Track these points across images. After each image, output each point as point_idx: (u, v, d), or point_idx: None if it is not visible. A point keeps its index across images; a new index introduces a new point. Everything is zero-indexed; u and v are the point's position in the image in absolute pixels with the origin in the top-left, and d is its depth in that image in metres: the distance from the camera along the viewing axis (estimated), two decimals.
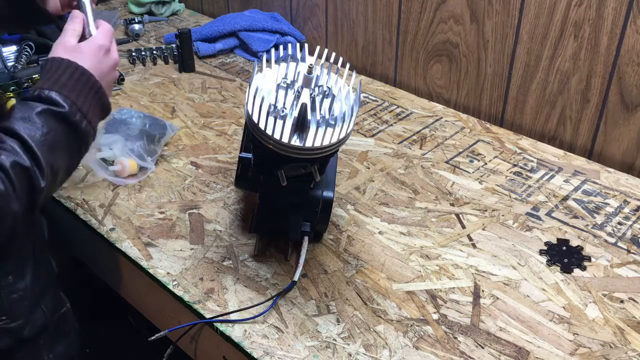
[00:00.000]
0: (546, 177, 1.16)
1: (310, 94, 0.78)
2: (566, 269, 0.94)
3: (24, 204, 0.73)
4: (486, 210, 1.07)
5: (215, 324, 0.86)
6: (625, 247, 0.99)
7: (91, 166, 1.15)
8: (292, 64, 0.83)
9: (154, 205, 1.09)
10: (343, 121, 0.77)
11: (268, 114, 0.75)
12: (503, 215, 1.06)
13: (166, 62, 1.63)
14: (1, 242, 0.73)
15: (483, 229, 1.03)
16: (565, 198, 1.10)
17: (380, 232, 1.02)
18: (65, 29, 0.88)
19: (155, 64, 1.63)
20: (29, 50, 1.57)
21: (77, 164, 0.85)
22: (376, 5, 1.50)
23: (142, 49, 1.67)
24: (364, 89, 1.50)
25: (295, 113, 0.76)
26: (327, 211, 0.93)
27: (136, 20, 1.80)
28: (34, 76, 1.48)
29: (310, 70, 0.78)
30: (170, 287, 0.92)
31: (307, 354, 0.81)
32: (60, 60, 0.84)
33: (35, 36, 1.61)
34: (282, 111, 0.75)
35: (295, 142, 0.76)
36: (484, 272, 0.94)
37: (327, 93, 0.80)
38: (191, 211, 1.07)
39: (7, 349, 0.90)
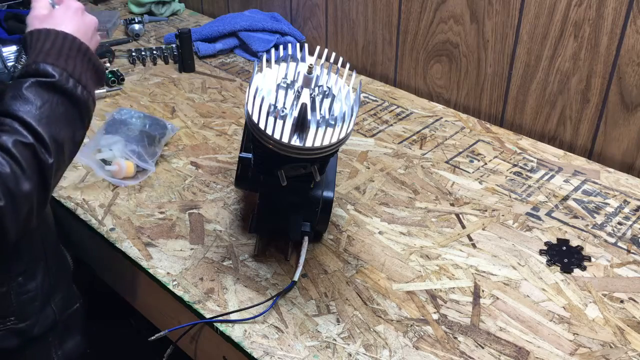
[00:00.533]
0: (546, 177, 1.16)
1: (310, 94, 0.78)
2: (566, 269, 0.94)
3: (35, 183, 0.70)
4: (486, 210, 1.07)
5: (215, 324, 0.86)
6: (625, 247, 0.99)
7: (91, 166, 1.15)
8: (292, 64, 0.83)
9: (154, 205, 1.09)
10: (343, 121, 0.77)
11: (268, 114, 0.75)
12: (503, 215, 1.06)
13: (166, 62, 1.63)
14: (25, 228, 0.71)
15: (483, 229, 1.03)
16: (565, 198, 1.10)
17: (380, 232, 1.02)
18: (32, 6, 0.83)
19: (155, 64, 1.63)
20: None
21: (82, 134, 0.81)
22: (376, 5, 1.50)
23: (142, 49, 1.67)
24: (364, 89, 1.50)
25: (295, 113, 0.76)
26: (327, 211, 0.93)
27: (136, 20, 1.79)
28: None
29: (310, 70, 0.78)
30: (170, 287, 0.92)
31: (307, 353, 0.81)
32: (38, 31, 0.79)
33: None
34: (282, 111, 0.75)
35: (295, 142, 0.76)
36: (484, 272, 0.94)
37: (327, 93, 0.80)
38: (191, 211, 1.07)
39: (16, 348, 0.90)
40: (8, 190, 0.67)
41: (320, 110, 0.79)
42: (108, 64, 1.57)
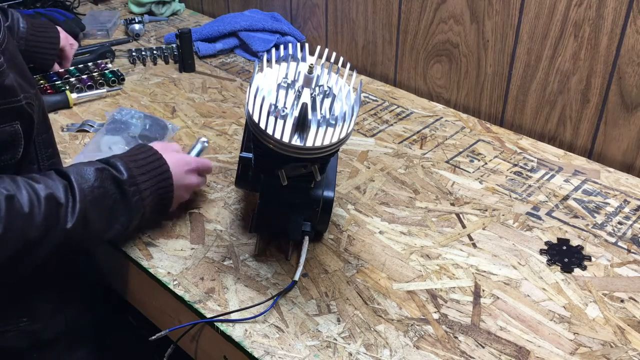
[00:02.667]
0: (546, 177, 1.16)
1: (311, 94, 0.78)
2: (566, 269, 0.95)
3: (40, 236, 0.71)
4: (486, 210, 1.07)
5: (215, 323, 0.86)
6: (625, 246, 0.99)
7: None
8: (293, 64, 0.83)
9: None
10: (343, 121, 0.77)
11: (269, 113, 0.75)
12: (503, 215, 1.06)
13: (166, 62, 1.63)
14: (5, 268, 0.71)
15: (483, 229, 1.03)
16: (566, 198, 1.10)
17: (380, 232, 1.02)
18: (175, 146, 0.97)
19: (155, 64, 1.63)
20: None
21: (113, 233, 0.84)
22: (376, 5, 1.50)
23: (142, 49, 1.67)
24: (364, 88, 1.50)
25: (296, 113, 0.76)
26: (327, 211, 0.93)
27: (136, 20, 1.80)
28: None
29: (311, 69, 0.78)
30: (171, 286, 0.92)
31: (307, 353, 0.81)
32: (149, 147, 0.89)
33: None
34: (283, 111, 0.75)
35: (296, 141, 0.76)
36: (485, 271, 0.94)
37: (327, 93, 0.80)
38: (192, 211, 1.07)
39: (26, 349, 0.90)
40: (10, 225, 0.68)
41: (320, 110, 0.79)
42: (110, 65, 1.57)
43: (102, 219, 0.80)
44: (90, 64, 1.55)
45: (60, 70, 1.47)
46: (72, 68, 1.50)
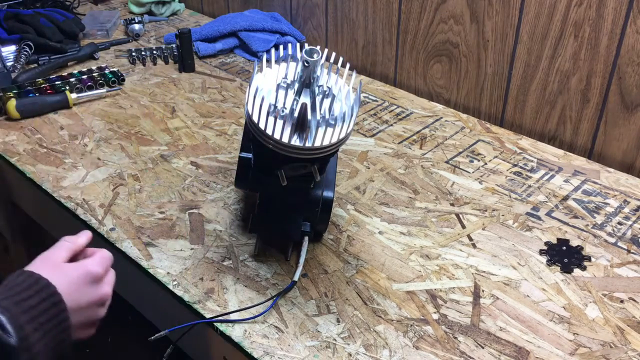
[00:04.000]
0: (546, 177, 1.16)
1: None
2: (566, 269, 0.94)
3: None
4: (486, 210, 1.07)
5: (215, 323, 0.86)
6: (625, 247, 0.99)
7: None
8: (292, 64, 0.83)
9: (154, 205, 1.09)
10: (343, 121, 0.77)
11: (268, 113, 0.75)
12: (503, 215, 1.06)
13: (166, 62, 1.63)
14: None
15: (483, 229, 1.03)
16: (565, 198, 1.10)
17: (380, 232, 1.02)
18: (60, 241, 0.73)
19: (155, 64, 1.63)
20: (28, 50, 1.57)
21: None
22: (376, 5, 1.50)
23: (142, 49, 1.67)
24: (364, 88, 1.50)
25: (296, 113, 0.76)
26: (327, 211, 0.93)
27: (136, 20, 1.80)
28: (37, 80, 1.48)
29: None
30: (170, 287, 0.92)
31: (307, 353, 0.81)
32: (30, 275, 0.64)
33: (34, 36, 1.61)
34: (282, 111, 0.75)
35: (295, 142, 0.76)
36: (484, 272, 0.94)
37: (327, 93, 0.80)
38: (191, 211, 1.07)
39: None
40: None
41: (320, 110, 0.79)
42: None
43: None
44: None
45: None
46: (75, 72, 1.51)
